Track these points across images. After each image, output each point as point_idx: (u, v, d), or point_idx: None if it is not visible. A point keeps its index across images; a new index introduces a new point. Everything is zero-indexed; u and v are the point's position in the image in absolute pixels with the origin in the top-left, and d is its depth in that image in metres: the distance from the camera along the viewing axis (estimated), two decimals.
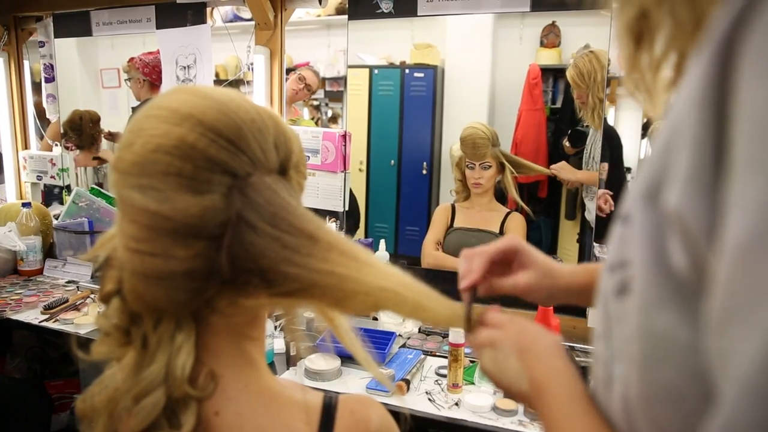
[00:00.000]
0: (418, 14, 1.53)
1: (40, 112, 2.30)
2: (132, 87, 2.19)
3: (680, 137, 0.26)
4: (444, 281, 0.64)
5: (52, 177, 2.15)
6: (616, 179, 1.59)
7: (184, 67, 1.77)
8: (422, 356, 1.42)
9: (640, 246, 0.29)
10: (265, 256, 0.46)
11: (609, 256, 0.34)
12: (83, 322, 1.56)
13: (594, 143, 1.65)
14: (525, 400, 0.45)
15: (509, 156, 1.74)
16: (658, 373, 0.28)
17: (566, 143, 1.73)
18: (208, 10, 1.77)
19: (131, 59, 2.19)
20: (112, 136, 2.45)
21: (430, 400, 1.22)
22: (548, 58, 1.81)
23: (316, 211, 0.53)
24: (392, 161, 2.20)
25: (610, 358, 0.34)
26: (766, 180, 0.20)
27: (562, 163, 1.70)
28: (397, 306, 0.47)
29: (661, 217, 0.27)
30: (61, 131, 2.24)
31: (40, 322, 1.58)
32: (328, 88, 2.96)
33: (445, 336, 1.52)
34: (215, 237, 0.46)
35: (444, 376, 1.31)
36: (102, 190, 2.08)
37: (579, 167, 1.71)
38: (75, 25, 2.00)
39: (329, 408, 0.53)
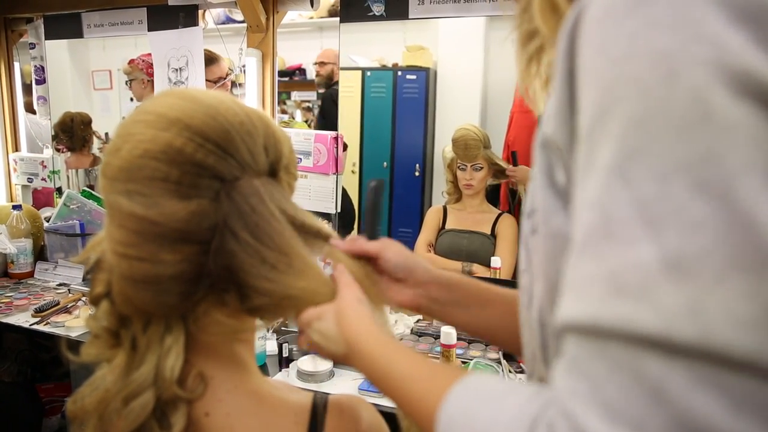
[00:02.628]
0: (410, 17, 1.53)
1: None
2: (134, 88, 2.18)
3: (553, 92, 0.35)
4: None
5: (43, 179, 2.13)
6: None
7: (176, 70, 1.77)
8: None
9: (538, 178, 0.37)
10: (243, 270, 0.46)
11: (525, 205, 0.41)
12: (74, 324, 1.55)
13: None
14: (346, 360, 0.48)
15: (496, 162, 1.75)
16: (555, 268, 0.35)
17: None
18: (200, 12, 1.77)
19: (132, 61, 2.18)
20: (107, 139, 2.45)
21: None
22: None
23: None
24: (385, 163, 2.21)
25: (530, 283, 0.41)
26: (592, 103, 0.30)
27: (521, 167, 1.71)
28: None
29: (547, 149, 0.36)
30: (53, 133, 2.23)
31: (30, 325, 1.57)
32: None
33: (437, 337, 1.53)
34: (204, 241, 0.46)
35: None
36: (93, 193, 2.07)
37: None
38: (66, 27, 2.00)
39: (319, 408, 0.53)
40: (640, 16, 0.28)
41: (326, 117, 2.43)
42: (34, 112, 2.23)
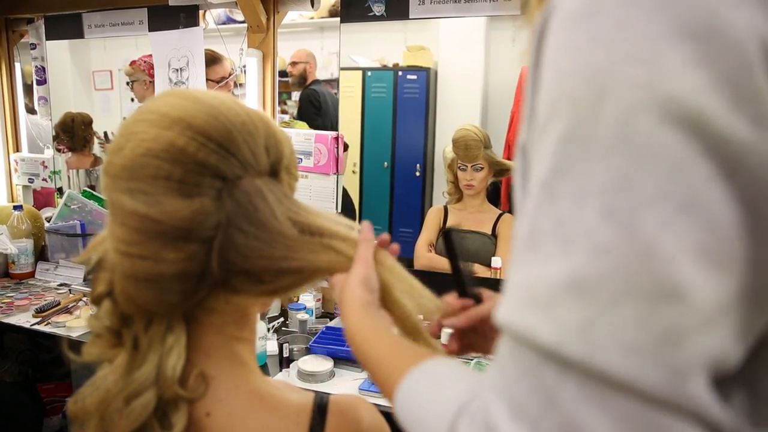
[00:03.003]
0: (410, 17, 1.53)
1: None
2: (136, 89, 2.18)
3: (524, 98, 0.35)
4: (437, 283, 0.65)
5: (44, 180, 2.14)
6: None
7: (177, 70, 1.77)
8: None
9: (518, 182, 0.37)
10: (261, 257, 0.46)
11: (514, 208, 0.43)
12: (75, 325, 1.55)
13: None
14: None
15: (496, 160, 1.75)
16: None
17: None
18: (201, 12, 1.77)
19: (134, 62, 2.18)
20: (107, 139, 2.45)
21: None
22: None
23: None
24: (386, 163, 2.21)
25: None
26: (541, 115, 0.30)
27: None
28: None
29: (523, 152, 0.36)
30: (53, 134, 2.23)
31: (31, 325, 1.57)
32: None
33: (437, 338, 1.53)
34: (206, 239, 0.46)
35: None
36: (94, 193, 2.07)
37: None
38: (67, 28, 2.00)
39: (320, 408, 0.53)
40: (587, 30, 0.28)
41: (304, 118, 2.42)
42: (34, 113, 2.24)
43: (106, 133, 2.44)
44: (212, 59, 1.84)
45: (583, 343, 0.26)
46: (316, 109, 2.45)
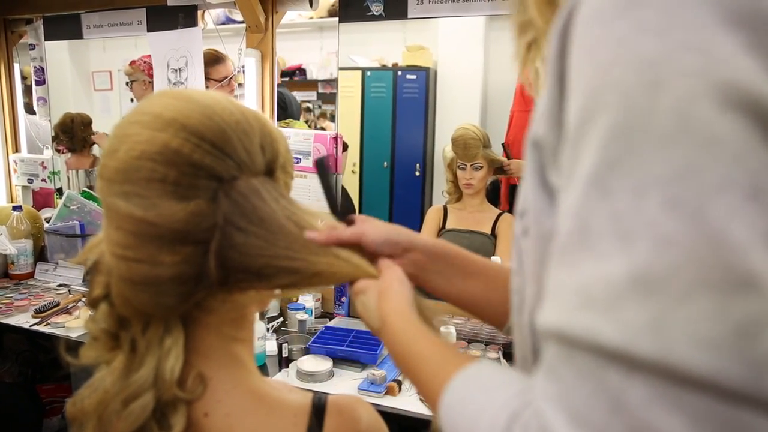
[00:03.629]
0: (409, 17, 1.53)
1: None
2: (135, 89, 2.18)
3: (543, 93, 0.35)
4: None
5: (44, 180, 2.14)
6: None
7: (176, 70, 1.77)
8: None
9: (529, 178, 0.37)
10: (262, 255, 0.46)
11: (517, 205, 0.41)
12: (74, 325, 1.56)
13: None
14: (379, 334, 0.51)
15: (496, 159, 1.75)
16: (546, 271, 0.34)
17: None
18: (200, 12, 1.77)
19: (133, 62, 2.18)
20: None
21: (421, 400, 1.23)
22: None
23: None
24: (385, 163, 2.21)
25: (521, 286, 0.41)
26: (578, 108, 0.30)
27: (514, 160, 1.72)
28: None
29: (538, 148, 0.36)
30: (53, 134, 2.23)
31: (31, 325, 1.57)
32: (321, 90, 2.97)
33: None
34: (202, 241, 0.46)
35: None
36: (94, 194, 2.07)
37: None
38: (66, 28, 2.00)
39: (318, 408, 0.53)
40: (630, 20, 0.27)
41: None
42: (34, 113, 2.24)
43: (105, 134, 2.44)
44: (216, 59, 1.84)
45: (655, 340, 0.25)
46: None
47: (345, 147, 1.81)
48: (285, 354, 1.38)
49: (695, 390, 0.24)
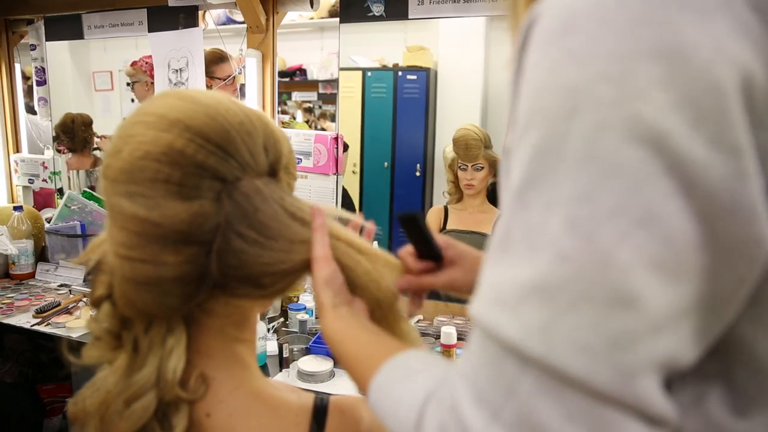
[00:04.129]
0: (409, 17, 1.53)
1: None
2: (137, 90, 2.18)
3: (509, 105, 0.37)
4: None
5: (44, 180, 2.14)
6: None
7: (177, 71, 1.77)
8: None
9: (502, 181, 0.38)
10: (258, 263, 0.46)
11: (499, 209, 0.45)
12: (75, 325, 1.56)
13: None
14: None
15: (497, 160, 1.76)
16: None
17: None
18: (200, 13, 1.77)
19: (135, 63, 2.18)
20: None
21: None
22: None
23: None
24: (386, 163, 2.21)
25: None
26: (519, 125, 0.32)
27: None
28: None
29: (506, 155, 0.37)
30: (53, 134, 2.24)
31: (32, 326, 1.58)
32: (321, 91, 2.97)
33: (438, 337, 1.53)
34: (205, 242, 0.46)
35: None
36: (94, 194, 2.07)
37: None
38: (66, 29, 2.00)
39: (320, 409, 0.53)
40: (561, 47, 0.30)
41: None
42: (34, 113, 2.24)
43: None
44: (220, 58, 1.84)
45: (542, 342, 0.28)
46: None
47: (345, 147, 1.81)
48: (286, 354, 1.38)
49: (572, 388, 0.28)
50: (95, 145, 2.40)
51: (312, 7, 1.64)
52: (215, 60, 1.82)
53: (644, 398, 0.28)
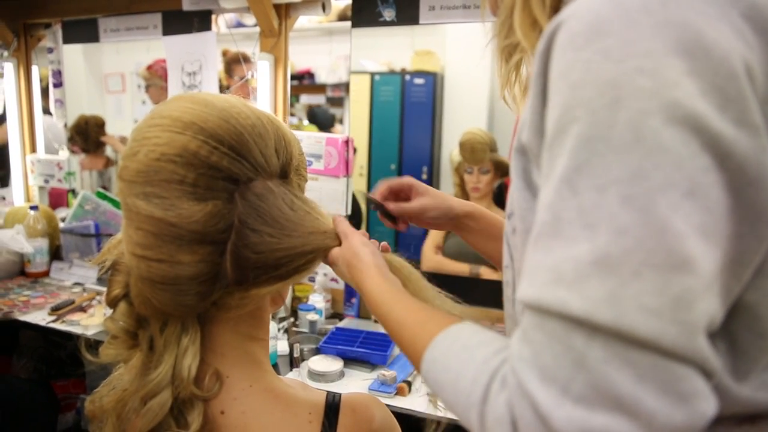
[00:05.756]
0: (420, 22, 1.54)
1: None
2: (151, 93, 2.21)
3: (527, 105, 0.40)
4: (445, 285, 0.66)
5: (59, 180, 2.18)
6: None
7: (190, 74, 1.80)
8: None
9: (515, 182, 0.42)
10: (276, 250, 0.48)
11: (506, 208, 0.47)
12: (90, 323, 1.58)
13: None
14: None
15: (503, 163, 1.76)
16: None
17: None
18: (213, 17, 1.79)
19: (150, 66, 2.21)
20: (123, 142, 2.49)
21: (431, 401, 1.24)
22: None
23: None
24: (392, 166, 2.22)
25: (513, 278, 0.46)
26: (554, 120, 0.35)
27: None
28: None
29: (523, 153, 0.41)
30: (68, 136, 2.27)
31: (47, 323, 1.61)
32: (329, 94, 2.98)
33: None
34: (219, 242, 0.47)
35: None
36: (108, 194, 2.10)
37: None
38: (83, 32, 2.03)
39: (332, 406, 0.54)
40: (595, 48, 0.33)
41: None
42: (50, 115, 2.28)
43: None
44: (240, 59, 1.87)
45: (610, 310, 0.31)
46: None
47: (353, 150, 1.83)
48: (296, 354, 1.40)
49: (641, 349, 0.30)
50: (104, 142, 2.43)
51: (324, 11, 1.65)
52: (236, 59, 1.85)
53: (704, 353, 0.31)
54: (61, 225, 2.07)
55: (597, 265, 0.31)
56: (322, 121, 3.02)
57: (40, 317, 1.64)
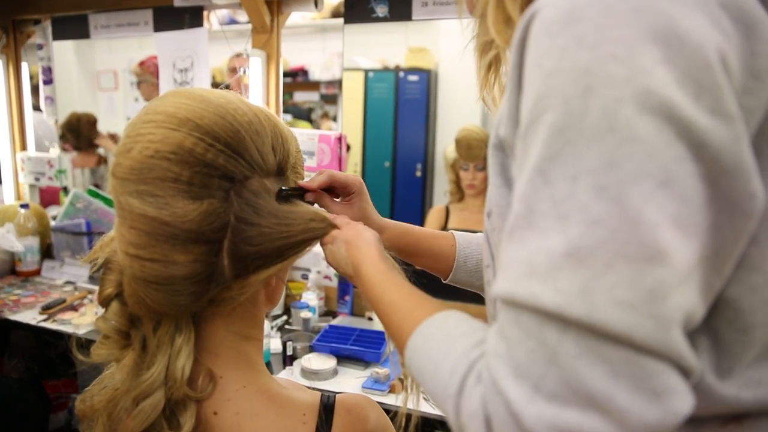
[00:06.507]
0: (413, 18, 1.54)
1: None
2: (143, 90, 2.19)
3: (504, 98, 0.39)
4: (438, 282, 0.66)
5: (50, 178, 2.15)
6: None
7: (182, 70, 1.78)
8: None
9: (494, 180, 0.41)
10: (276, 238, 0.48)
11: (485, 207, 0.46)
12: (81, 322, 1.57)
13: None
14: (352, 280, 0.54)
15: None
16: None
17: None
18: (205, 13, 1.78)
19: (142, 63, 2.19)
20: (113, 139, 2.46)
21: (425, 398, 1.24)
22: None
23: None
24: (387, 163, 2.22)
25: (494, 277, 0.45)
26: (528, 110, 0.34)
27: None
28: None
29: (500, 149, 0.40)
30: (59, 133, 2.25)
31: (38, 322, 1.59)
32: (323, 91, 2.97)
33: None
34: (214, 241, 0.46)
35: None
36: (99, 192, 2.09)
37: None
38: (73, 28, 2.01)
39: (327, 407, 0.53)
40: (569, 35, 0.32)
41: None
42: (40, 112, 2.26)
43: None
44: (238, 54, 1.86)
45: (582, 303, 0.30)
46: None
47: (347, 147, 1.82)
48: (289, 352, 1.40)
49: (613, 344, 0.29)
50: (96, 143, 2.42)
51: (316, 7, 1.64)
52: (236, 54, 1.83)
53: (679, 348, 0.30)
54: (53, 223, 2.05)
55: (569, 257, 0.30)
56: (297, 116, 3.00)
57: (30, 316, 1.63)
